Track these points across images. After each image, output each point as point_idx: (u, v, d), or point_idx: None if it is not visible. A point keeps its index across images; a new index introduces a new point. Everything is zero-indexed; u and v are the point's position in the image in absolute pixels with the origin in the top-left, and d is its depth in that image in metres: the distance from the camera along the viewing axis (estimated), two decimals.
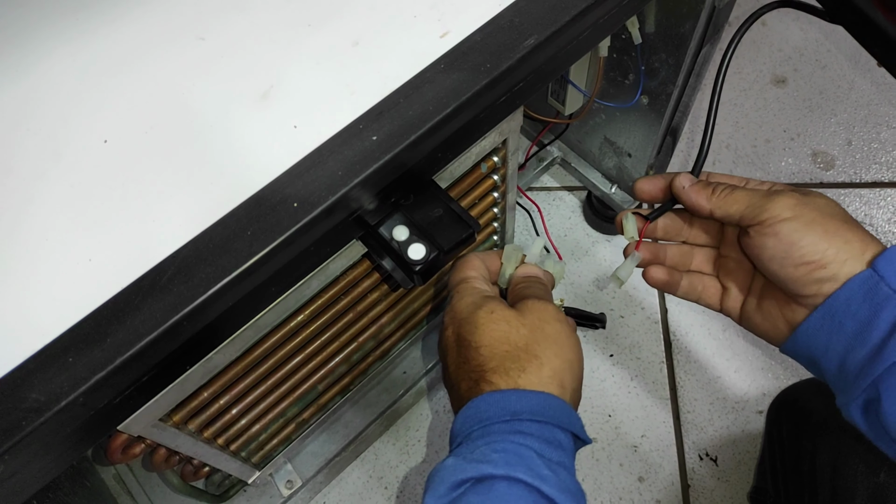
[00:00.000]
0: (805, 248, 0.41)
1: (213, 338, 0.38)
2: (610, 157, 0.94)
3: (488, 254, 0.51)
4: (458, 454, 0.39)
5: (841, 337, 0.42)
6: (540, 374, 0.41)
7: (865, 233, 0.42)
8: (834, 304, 0.41)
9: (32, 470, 0.34)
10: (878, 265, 0.40)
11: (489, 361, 0.41)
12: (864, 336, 0.40)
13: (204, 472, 0.64)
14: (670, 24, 0.67)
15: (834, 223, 0.42)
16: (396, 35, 0.43)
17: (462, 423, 0.41)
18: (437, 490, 0.37)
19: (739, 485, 0.90)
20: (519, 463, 0.36)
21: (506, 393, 0.40)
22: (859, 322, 0.40)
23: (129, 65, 0.43)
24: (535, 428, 0.39)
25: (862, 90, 1.20)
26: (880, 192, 1.10)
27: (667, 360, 0.98)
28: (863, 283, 0.40)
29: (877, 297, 0.40)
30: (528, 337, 0.42)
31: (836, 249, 0.41)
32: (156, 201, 0.38)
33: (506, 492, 0.36)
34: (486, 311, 0.43)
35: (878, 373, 0.40)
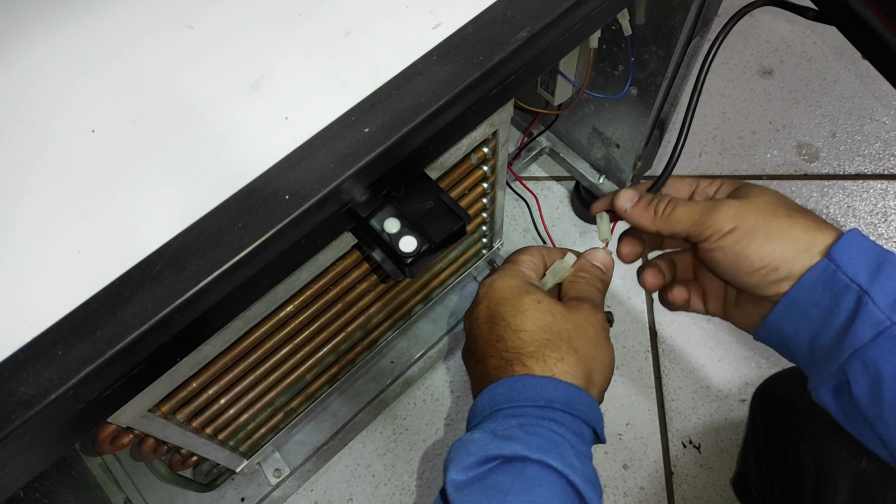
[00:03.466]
0: (751, 256, 0.42)
1: (204, 330, 0.38)
2: (598, 148, 0.95)
3: (551, 250, 0.50)
4: (485, 429, 0.39)
5: (807, 323, 0.43)
6: (577, 368, 0.41)
7: (811, 222, 0.42)
8: (796, 295, 0.42)
9: (22, 462, 0.33)
10: (834, 254, 0.41)
11: (528, 346, 0.41)
12: (828, 322, 0.41)
13: (192, 461, 0.64)
14: (660, 16, 0.67)
15: (776, 222, 0.42)
16: (388, 26, 0.42)
17: (490, 399, 0.41)
18: (463, 461, 0.37)
19: (722, 472, 0.91)
20: (552, 449, 0.37)
21: (544, 380, 0.40)
22: (823, 309, 0.41)
23: (117, 54, 0.42)
24: (568, 419, 0.39)
25: (846, 83, 1.21)
26: (863, 184, 1.12)
27: (652, 349, 0.99)
28: (822, 273, 0.41)
29: (836, 286, 0.41)
30: (571, 332, 0.42)
31: (783, 249, 0.41)
32: (145, 192, 0.37)
33: (537, 474, 0.36)
34: (534, 300, 0.43)
35: (844, 358, 0.41)
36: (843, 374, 0.41)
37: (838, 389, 0.42)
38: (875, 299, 0.40)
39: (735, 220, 0.42)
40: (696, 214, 0.43)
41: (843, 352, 0.41)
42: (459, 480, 0.37)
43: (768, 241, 0.41)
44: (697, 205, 0.44)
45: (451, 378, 0.97)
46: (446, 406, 0.95)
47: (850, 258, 0.41)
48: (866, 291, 0.40)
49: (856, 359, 0.40)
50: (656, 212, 0.45)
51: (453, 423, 0.95)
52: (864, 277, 0.40)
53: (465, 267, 0.78)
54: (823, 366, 0.42)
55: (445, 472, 0.37)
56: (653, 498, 0.90)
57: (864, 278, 0.40)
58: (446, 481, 0.37)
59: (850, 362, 0.41)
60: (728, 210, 0.43)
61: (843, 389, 0.42)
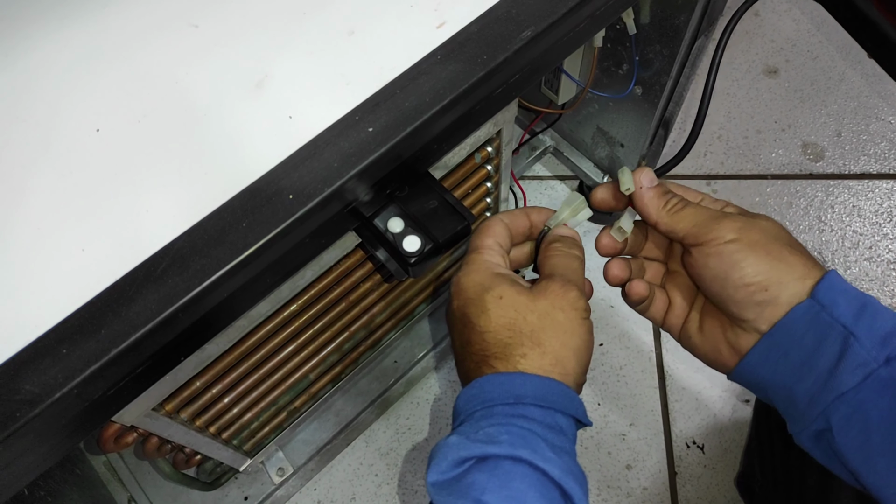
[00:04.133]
0: (746, 269, 0.41)
1: (208, 329, 0.38)
2: (602, 147, 0.95)
3: (515, 214, 0.48)
4: (461, 432, 0.39)
5: (787, 367, 0.42)
6: (541, 362, 0.40)
7: (808, 257, 0.42)
8: (777, 334, 0.42)
9: (26, 460, 0.34)
10: (818, 294, 0.40)
11: (492, 347, 0.41)
12: (810, 365, 0.41)
13: (196, 460, 0.64)
14: (665, 15, 0.67)
15: (777, 246, 0.42)
16: (393, 25, 0.42)
17: (466, 401, 0.41)
18: (439, 465, 0.37)
19: (725, 472, 0.91)
20: (524, 445, 0.37)
21: (511, 376, 0.40)
22: (804, 351, 0.41)
23: (121, 53, 0.42)
24: (538, 413, 0.39)
25: (852, 82, 1.20)
26: (868, 184, 1.11)
27: (655, 349, 0.99)
28: (805, 313, 0.40)
29: (819, 326, 0.40)
30: (535, 324, 0.41)
31: (778, 272, 0.41)
32: (149, 191, 0.37)
33: (511, 469, 0.36)
34: (495, 297, 0.42)
35: (827, 403, 0.40)
36: (824, 421, 0.40)
37: (819, 435, 0.41)
38: (861, 340, 0.39)
39: (739, 233, 0.42)
40: (701, 217, 0.43)
41: (827, 396, 0.40)
42: (438, 482, 0.37)
43: (767, 259, 0.41)
44: (705, 210, 0.44)
45: (453, 378, 0.97)
46: (449, 406, 0.95)
47: (833, 299, 0.40)
48: (852, 332, 0.39)
49: (841, 403, 0.40)
50: (666, 203, 0.45)
51: None
52: (848, 318, 0.40)
53: None
54: (804, 411, 0.42)
55: (426, 478, 0.38)
56: (656, 498, 0.90)
57: (849, 318, 0.40)
58: (427, 485, 0.38)
59: (835, 407, 0.40)
60: (734, 222, 0.42)
61: (824, 436, 0.41)
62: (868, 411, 0.39)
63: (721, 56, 0.50)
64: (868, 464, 0.39)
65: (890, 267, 1.04)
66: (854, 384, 0.39)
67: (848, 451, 0.40)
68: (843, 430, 0.40)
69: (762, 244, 0.41)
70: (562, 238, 0.46)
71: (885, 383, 0.39)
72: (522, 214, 0.47)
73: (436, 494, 0.37)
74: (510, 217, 0.47)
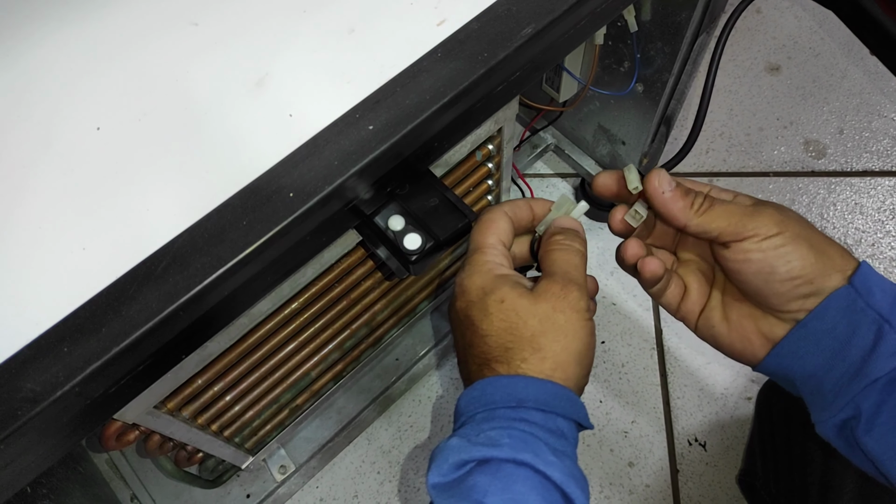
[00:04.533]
0: (792, 263, 0.40)
1: (209, 327, 0.38)
2: (604, 145, 0.94)
3: (517, 204, 0.47)
4: (462, 434, 0.39)
5: (818, 355, 0.42)
6: (542, 365, 0.40)
7: (843, 248, 0.42)
8: (812, 323, 0.41)
9: (28, 459, 0.34)
10: (855, 280, 0.40)
11: (493, 351, 0.41)
12: (842, 354, 0.40)
13: (198, 457, 0.64)
14: (667, 12, 0.67)
15: (817, 237, 0.41)
16: (393, 23, 0.42)
17: (467, 403, 0.41)
18: (440, 468, 0.37)
19: (727, 470, 0.91)
20: (525, 448, 0.37)
21: (513, 379, 0.40)
22: (838, 340, 0.40)
23: (122, 51, 0.42)
24: (540, 417, 0.39)
25: (854, 79, 1.20)
26: (871, 181, 1.11)
27: (657, 346, 0.99)
28: (841, 300, 0.40)
29: (854, 314, 0.40)
30: (535, 329, 0.41)
31: (822, 264, 0.41)
32: (150, 190, 0.37)
33: (513, 472, 0.36)
34: (496, 300, 0.42)
35: (858, 391, 0.40)
36: (851, 409, 0.40)
37: (843, 425, 0.41)
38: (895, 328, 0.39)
39: (780, 226, 0.41)
40: (735, 214, 0.41)
41: (858, 383, 0.40)
42: (439, 484, 0.37)
43: (811, 251, 0.40)
44: (735, 206, 0.42)
45: (455, 375, 0.97)
46: (451, 403, 0.95)
47: (869, 287, 0.40)
48: (887, 320, 0.39)
49: (872, 390, 0.39)
50: (693, 204, 0.43)
51: None
52: (884, 306, 0.40)
53: None
54: (832, 400, 0.41)
55: (426, 479, 0.38)
56: (658, 496, 0.90)
57: (885, 307, 0.40)
58: (427, 486, 0.38)
59: (866, 394, 0.40)
60: (773, 216, 0.41)
61: (849, 425, 0.41)
62: None
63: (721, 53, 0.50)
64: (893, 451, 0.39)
65: (892, 264, 1.04)
66: (887, 370, 0.39)
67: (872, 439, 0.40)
68: (872, 416, 0.39)
69: (804, 236, 0.41)
70: (564, 231, 0.45)
71: None
72: (525, 205, 0.47)
73: (437, 496, 0.37)
74: (513, 208, 0.46)
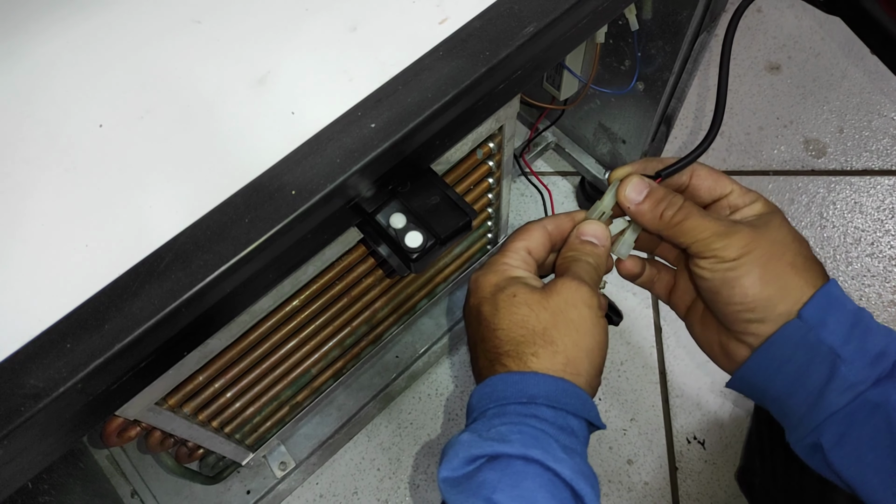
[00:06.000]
0: (736, 290, 0.41)
1: (211, 324, 0.38)
2: (604, 143, 0.94)
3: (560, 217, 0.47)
4: (473, 430, 0.39)
5: (779, 382, 0.42)
6: (553, 361, 0.40)
7: (810, 273, 0.41)
8: (767, 352, 0.42)
9: (31, 455, 0.34)
10: (806, 313, 0.40)
11: (504, 345, 0.41)
12: (801, 383, 0.41)
13: (198, 454, 0.64)
14: (668, 11, 0.67)
15: (780, 265, 0.41)
16: (395, 21, 0.42)
17: (479, 398, 0.41)
18: (450, 462, 0.37)
19: (726, 467, 0.91)
20: (535, 445, 0.37)
21: (525, 375, 0.39)
22: (795, 369, 0.41)
23: (124, 49, 0.43)
24: (550, 414, 0.39)
25: (854, 78, 1.20)
26: (870, 180, 1.11)
27: (657, 344, 0.99)
28: (793, 332, 0.40)
29: (807, 347, 0.40)
30: (547, 321, 0.40)
31: (769, 296, 0.40)
32: (152, 187, 0.38)
33: (523, 469, 0.36)
34: (508, 295, 0.42)
35: (818, 422, 0.40)
36: (815, 436, 0.41)
37: (814, 447, 0.41)
38: (849, 361, 0.39)
39: (744, 250, 0.40)
40: (706, 233, 0.41)
41: (818, 415, 0.40)
42: (449, 478, 0.37)
43: (760, 281, 0.40)
44: (710, 222, 0.42)
45: (455, 373, 0.97)
46: (451, 401, 0.96)
47: (822, 318, 0.40)
48: (839, 354, 0.39)
49: (831, 423, 0.40)
50: (662, 217, 0.43)
51: (457, 417, 0.95)
52: (837, 338, 0.39)
53: (470, 262, 0.78)
54: (797, 424, 0.42)
55: (438, 473, 0.38)
56: (657, 493, 0.90)
57: (838, 339, 0.39)
58: (438, 480, 0.38)
59: (826, 426, 0.40)
60: (741, 238, 0.41)
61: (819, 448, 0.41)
62: (859, 431, 0.39)
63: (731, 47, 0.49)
64: (862, 479, 0.40)
65: (892, 263, 1.04)
66: (843, 405, 0.39)
67: (841, 466, 0.40)
68: (835, 447, 0.40)
69: (762, 263, 0.40)
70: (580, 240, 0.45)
71: (874, 405, 0.39)
72: (567, 218, 0.47)
73: (447, 491, 0.37)
74: (554, 221, 0.46)
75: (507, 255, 0.45)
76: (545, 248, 0.46)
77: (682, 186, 0.47)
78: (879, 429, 0.39)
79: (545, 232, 0.46)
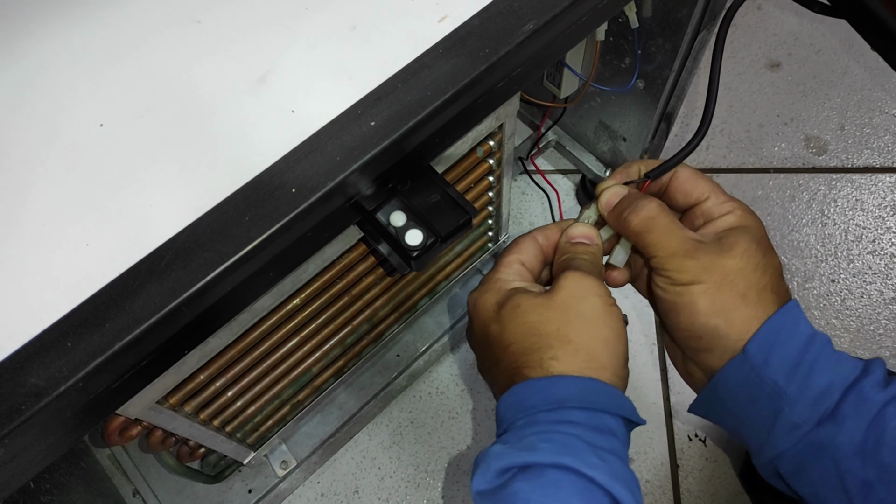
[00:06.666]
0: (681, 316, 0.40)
1: (212, 322, 0.38)
2: (605, 141, 0.94)
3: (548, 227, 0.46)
4: (503, 441, 0.38)
5: (730, 416, 0.42)
6: (575, 359, 0.38)
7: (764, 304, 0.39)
8: (716, 387, 0.41)
9: (32, 454, 0.34)
10: (750, 350, 0.39)
11: (520, 358, 0.40)
12: (749, 419, 0.40)
13: (199, 453, 0.64)
14: (668, 8, 0.67)
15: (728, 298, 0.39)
16: (394, 19, 0.42)
17: (505, 409, 0.40)
18: (483, 475, 0.37)
19: (727, 465, 0.91)
20: (567, 452, 0.35)
21: (550, 380, 0.38)
22: (742, 405, 0.40)
23: (124, 48, 0.43)
24: (583, 416, 0.37)
25: (855, 75, 1.20)
26: (872, 178, 1.11)
27: (657, 342, 0.99)
28: (737, 370, 0.39)
29: (750, 385, 0.39)
30: (559, 320, 0.39)
31: (715, 325, 0.39)
32: (153, 186, 0.38)
33: (556, 478, 0.35)
34: (511, 308, 0.41)
35: (772, 456, 0.40)
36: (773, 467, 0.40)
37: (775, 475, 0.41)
38: (792, 401, 0.38)
39: (701, 275, 0.39)
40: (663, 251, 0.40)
41: (769, 452, 0.40)
42: (482, 490, 0.37)
43: (706, 312, 0.39)
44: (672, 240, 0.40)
45: (456, 372, 0.97)
46: (452, 399, 0.96)
47: (766, 356, 0.38)
48: (783, 392, 0.38)
49: (782, 460, 0.39)
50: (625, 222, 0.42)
51: (458, 416, 0.95)
52: (780, 376, 0.38)
53: (471, 260, 0.78)
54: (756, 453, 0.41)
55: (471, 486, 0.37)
56: (658, 491, 0.90)
57: (781, 377, 0.38)
58: (472, 493, 0.37)
59: (779, 462, 0.40)
60: (695, 265, 0.39)
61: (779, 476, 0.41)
62: (808, 470, 0.39)
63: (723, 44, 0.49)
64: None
65: (893, 260, 1.04)
66: (789, 446, 0.39)
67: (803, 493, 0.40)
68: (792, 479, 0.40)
69: (712, 292, 0.39)
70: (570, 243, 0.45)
71: (818, 447, 0.38)
72: (556, 228, 0.46)
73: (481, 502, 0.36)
74: (543, 231, 0.46)
75: (501, 271, 0.44)
76: (538, 259, 0.46)
77: (662, 188, 0.46)
78: (828, 471, 0.38)
79: (536, 243, 0.45)
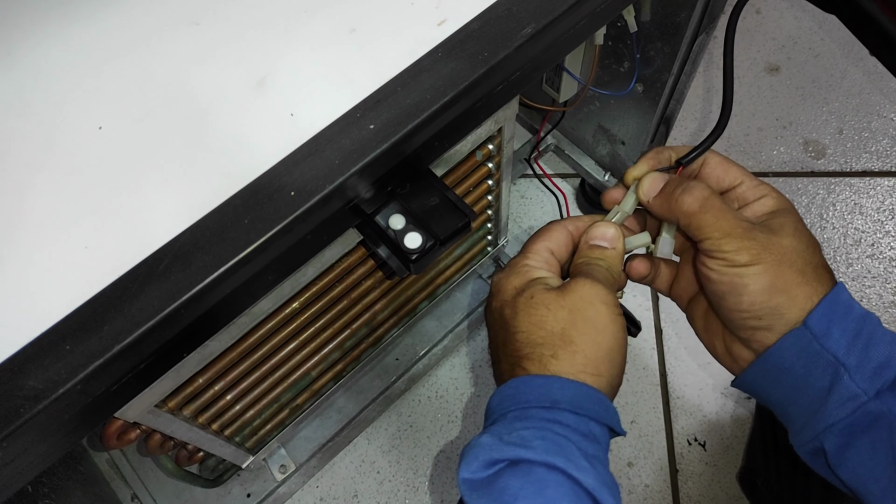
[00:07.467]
0: (742, 297, 0.40)
1: (210, 325, 0.38)
2: (604, 145, 0.95)
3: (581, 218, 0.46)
4: (493, 432, 0.38)
5: (780, 390, 0.42)
6: (573, 361, 0.39)
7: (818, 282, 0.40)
8: (768, 361, 0.41)
9: (30, 457, 0.34)
10: (811, 321, 0.39)
11: (524, 348, 0.40)
12: (802, 392, 0.40)
13: (198, 457, 0.64)
14: (666, 12, 0.67)
15: (787, 275, 0.39)
16: (394, 22, 0.42)
17: (500, 401, 0.40)
18: (470, 465, 0.37)
19: (727, 469, 0.91)
20: (558, 452, 0.36)
21: (549, 379, 0.39)
22: (796, 378, 0.40)
23: (123, 51, 0.43)
24: (573, 420, 0.38)
25: (854, 79, 1.20)
26: (870, 181, 1.11)
27: (657, 346, 0.99)
28: (796, 341, 0.40)
29: (809, 356, 0.39)
30: (565, 320, 0.40)
31: (776, 305, 0.39)
32: (152, 189, 0.38)
33: (545, 477, 0.35)
34: (527, 297, 0.41)
35: (819, 431, 0.40)
36: (817, 443, 0.40)
37: (816, 452, 0.41)
38: (852, 371, 0.38)
39: (757, 257, 0.39)
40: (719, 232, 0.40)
41: (818, 424, 0.40)
42: (470, 480, 0.37)
43: (768, 289, 0.39)
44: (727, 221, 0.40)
45: (455, 375, 0.97)
46: (451, 403, 0.96)
47: (827, 328, 0.39)
48: (842, 363, 0.39)
49: (831, 433, 0.39)
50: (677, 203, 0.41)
51: (457, 420, 0.95)
52: (841, 348, 0.39)
53: (470, 264, 0.78)
54: (801, 429, 0.41)
55: (457, 474, 0.37)
56: (658, 495, 0.90)
57: (842, 349, 0.39)
58: (458, 481, 0.37)
59: (826, 436, 0.40)
60: (753, 246, 0.39)
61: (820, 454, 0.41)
62: (860, 442, 0.39)
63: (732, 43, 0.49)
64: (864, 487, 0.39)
65: (892, 264, 1.04)
66: (843, 416, 0.39)
67: (844, 472, 0.40)
68: (837, 455, 0.40)
69: (773, 271, 0.39)
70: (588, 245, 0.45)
71: (875, 416, 0.38)
72: (588, 220, 0.46)
73: (467, 493, 0.37)
74: (574, 222, 0.46)
75: (529, 257, 0.45)
76: (567, 248, 0.46)
77: (693, 174, 0.46)
78: (880, 440, 0.38)
79: (567, 232, 0.46)
